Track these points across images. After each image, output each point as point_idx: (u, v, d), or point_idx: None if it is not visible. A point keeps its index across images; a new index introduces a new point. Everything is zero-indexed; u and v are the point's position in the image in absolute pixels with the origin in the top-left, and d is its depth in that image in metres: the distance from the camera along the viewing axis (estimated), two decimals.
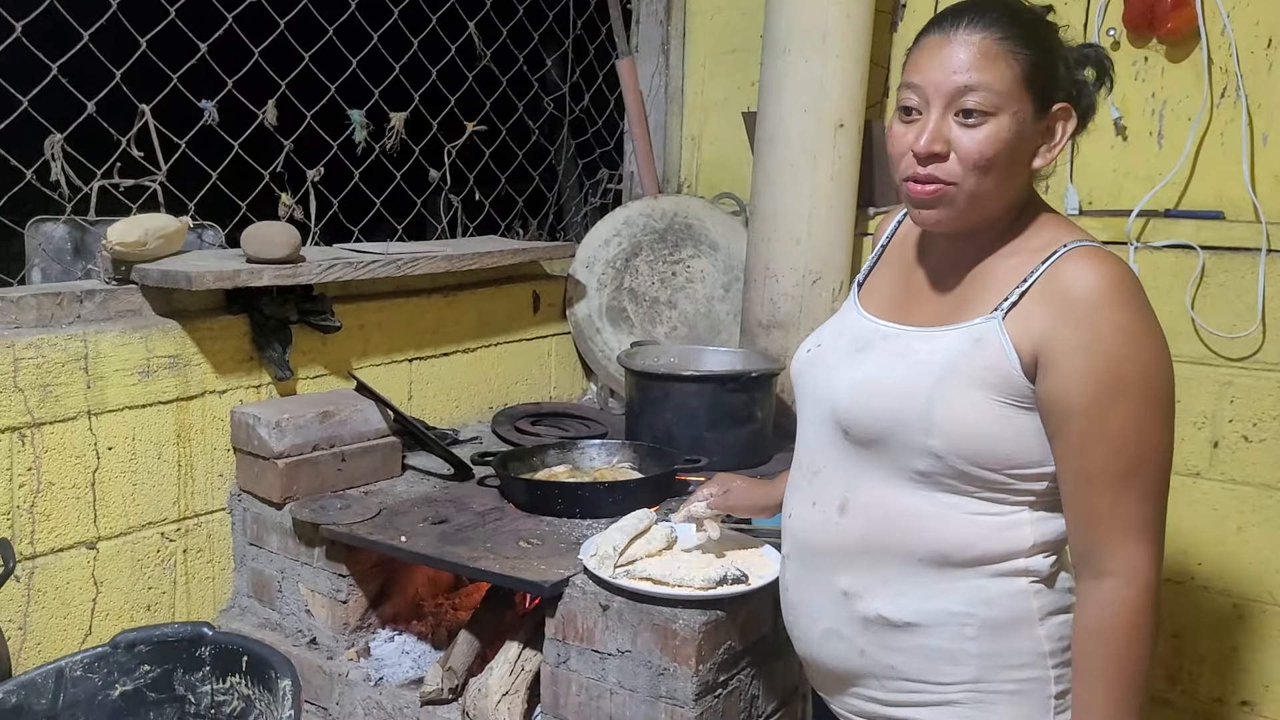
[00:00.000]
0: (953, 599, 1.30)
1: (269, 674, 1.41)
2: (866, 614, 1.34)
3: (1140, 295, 1.22)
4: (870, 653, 1.35)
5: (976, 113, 1.22)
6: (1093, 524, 1.23)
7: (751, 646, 1.81)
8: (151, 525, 2.10)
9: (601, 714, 1.76)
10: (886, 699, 1.36)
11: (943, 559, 1.29)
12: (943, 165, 1.24)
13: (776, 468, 2.46)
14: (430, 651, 2.12)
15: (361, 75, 2.61)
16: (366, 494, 2.22)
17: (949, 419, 1.25)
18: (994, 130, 1.22)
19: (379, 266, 2.36)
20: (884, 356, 1.34)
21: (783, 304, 2.70)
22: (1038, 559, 1.29)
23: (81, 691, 1.47)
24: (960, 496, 1.28)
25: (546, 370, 3.04)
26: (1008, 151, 1.23)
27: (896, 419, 1.28)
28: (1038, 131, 1.26)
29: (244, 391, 2.24)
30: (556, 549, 1.93)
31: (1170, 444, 1.24)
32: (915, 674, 1.33)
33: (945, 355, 1.27)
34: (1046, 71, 1.25)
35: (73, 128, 2.11)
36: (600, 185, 3.43)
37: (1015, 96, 1.22)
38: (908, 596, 1.31)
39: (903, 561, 1.31)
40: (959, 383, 1.25)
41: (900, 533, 1.31)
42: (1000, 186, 1.26)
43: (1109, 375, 1.19)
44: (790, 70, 2.63)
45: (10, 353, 1.85)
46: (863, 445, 1.34)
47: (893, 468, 1.31)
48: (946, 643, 1.30)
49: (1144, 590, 1.21)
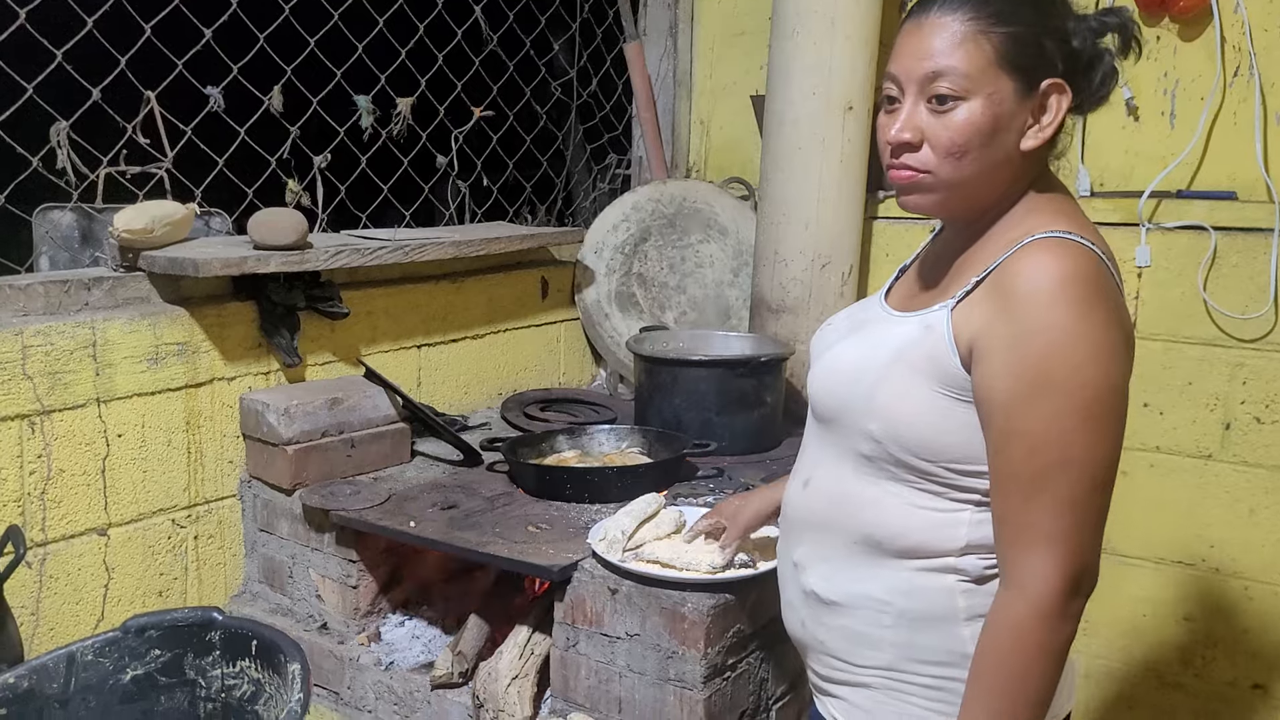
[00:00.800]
0: (875, 585, 1.29)
1: (278, 658, 1.42)
2: (805, 587, 1.37)
3: (1092, 294, 1.14)
4: (808, 625, 1.38)
5: (949, 98, 1.19)
6: (1001, 527, 1.18)
7: (761, 629, 1.80)
8: (162, 512, 2.10)
9: (611, 697, 1.77)
10: (820, 672, 1.39)
11: (874, 545, 1.28)
12: (916, 154, 1.22)
13: (786, 452, 2.46)
14: (440, 636, 2.12)
15: (368, 61, 2.60)
16: (376, 480, 2.22)
17: (887, 405, 1.24)
18: (965, 115, 1.19)
19: (387, 253, 2.36)
20: (857, 340, 1.35)
21: (792, 288, 2.68)
22: (969, 559, 1.24)
23: (93, 676, 1.47)
24: (902, 485, 1.26)
25: (555, 356, 3.04)
26: (982, 136, 1.19)
27: (846, 400, 1.29)
28: (1024, 111, 1.20)
29: (252, 378, 2.24)
30: (565, 533, 1.93)
31: (1105, 454, 1.14)
32: (838, 652, 1.34)
33: (897, 341, 1.26)
34: (1029, 48, 1.19)
35: (79, 114, 2.11)
36: (609, 170, 3.41)
37: (989, 78, 1.18)
38: (839, 576, 1.32)
39: (840, 541, 1.32)
40: (903, 370, 1.24)
41: (842, 513, 1.32)
42: (982, 172, 1.21)
43: (1033, 373, 1.13)
44: (798, 53, 2.61)
45: (19, 340, 1.85)
46: (824, 424, 1.36)
47: (844, 448, 1.31)
48: (864, 626, 1.30)
49: (1034, 606, 1.13)
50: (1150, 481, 2.48)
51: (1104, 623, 2.56)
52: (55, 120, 2.09)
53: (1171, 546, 2.49)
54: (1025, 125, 1.21)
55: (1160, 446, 2.47)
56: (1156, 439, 2.47)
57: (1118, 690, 2.59)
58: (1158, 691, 2.55)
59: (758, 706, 1.83)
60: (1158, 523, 2.49)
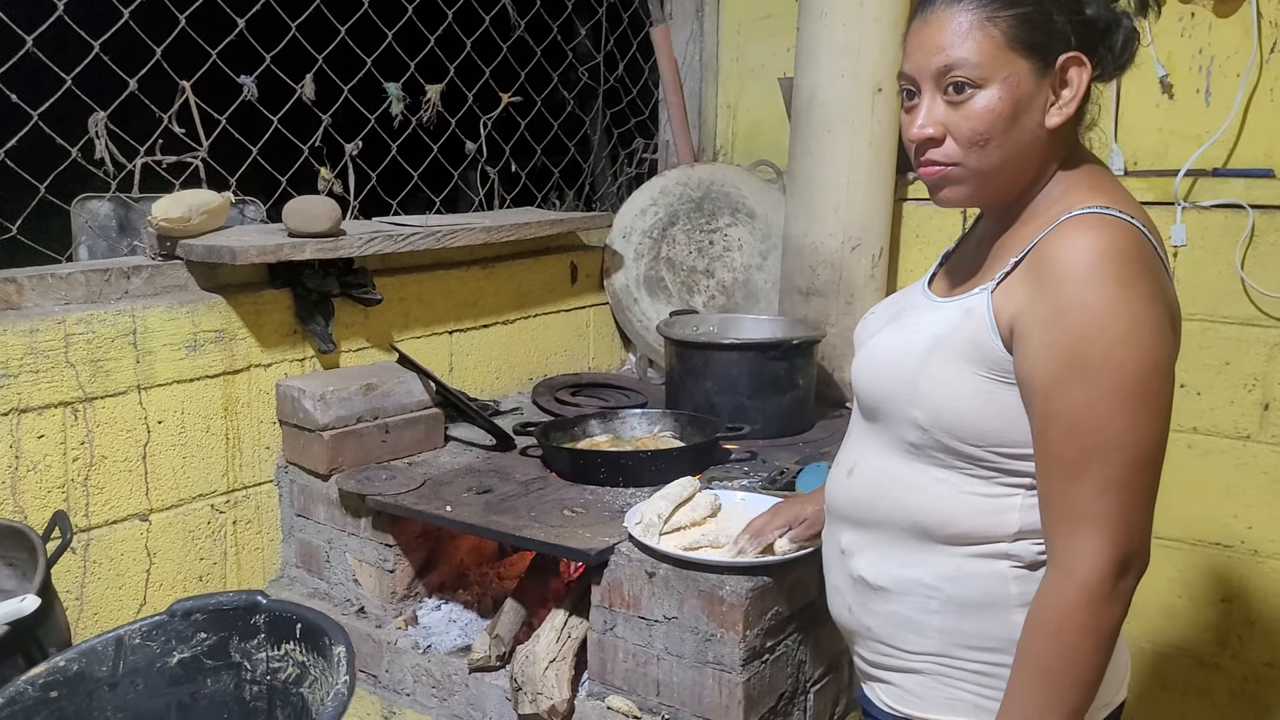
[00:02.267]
0: (924, 571, 1.29)
1: (323, 641, 1.43)
2: (853, 573, 1.37)
3: (1130, 270, 1.12)
4: (855, 611, 1.38)
5: (965, 86, 1.18)
6: (1046, 510, 1.18)
7: (799, 612, 1.81)
8: (201, 497, 2.13)
9: (649, 680, 1.78)
10: (868, 658, 1.39)
11: (922, 531, 1.28)
12: (940, 149, 1.22)
13: (818, 435, 2.46)
14: (476, 620, 2.14)
15: (397, 48, 2.61)
16: (411, 465, 2.24)
17: (931, 391, 1.24)
18: (984, 104, 1.18)
19: (419, 239, 2.37)
20: (897, 327, 1.34)
21: (822, 271, 2.68)
22: (1023, 545, 1.23)
23: (141, 659, 1.49)
24: (950, 472, 1.26)
25: (585, 341, 3.05)
26: (1004, 122, 1.18)
27: (888, 389, 1.29)
28: (1044, 89, 1.19)
29: (288, 365, 2.26)
30: (600, 517, 1.94)
31: (1149, 434, 1.12)
32: (886, 638, 1.34)
33: (938, 327, 1.25)
34: (1039, 26, 1.17)
35: (115, 105, 2.13)
36: (635, 155, 3.41)
37: (1003, 62, 1.17)
38: (887, 562, 1.32)
39: (888, 528, 1.32)
40: (945, 355, 1.23)
41: (888, 500, 1.32)
42: (1009, 157, 1.21)
43: (1068, 355, 1.12)
44: (827, 34, 2.60)
45: (61, 329, 1.87)
46: (868, 412, 1.36)
47: (889, 437, 1.32)
48: (912, 612, 1.30)
49: (1081, 588, 1.12)
50: (1188, 462, 2.46)
51: (1139, 603, 2.52)
52: (91, 111, 2.11)
53: (1209, 528, 2.47)
54: (1047, 103, 1.20)
55: (1198, 427, 2.45)
56: (1194, 420, 2.45)
57: (1153, 671, 2.58)
58: (1194, 672, 2.54)
59: (795, 689, 1.84)
60: (1195, 504, 2.47)
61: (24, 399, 1.84)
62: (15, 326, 1.82)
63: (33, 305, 1.91)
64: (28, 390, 1.84)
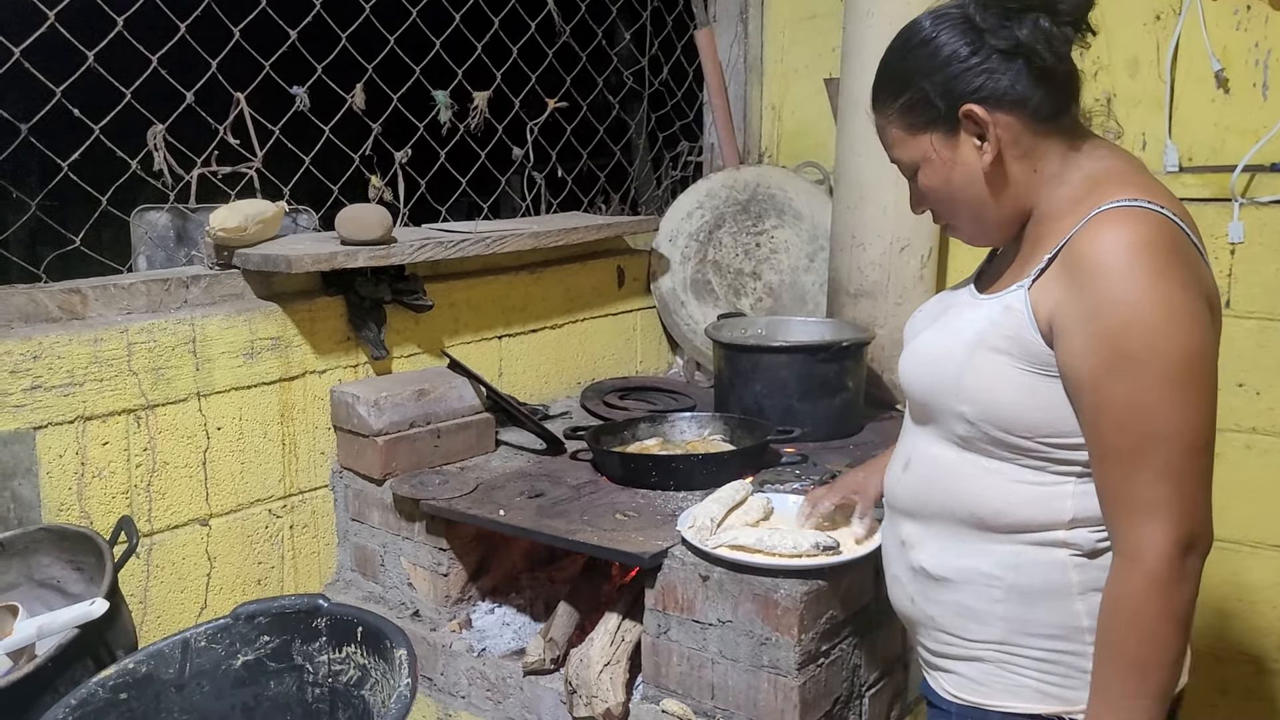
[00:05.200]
0: (985, 560, 1.31)
1: (384, 644, 1.45)
2: (914, 564, 1.40)
3: (1162, 260, 1.14)
4: (917, 601, 1.41)
5: (911, 173, 1.34)
6: (1106, 501, 1.20)
7: (853, 616, 1.80)
8: (259, 502, 2.16)
9: (703, 683, 1.78)
10: (931, 647, 1.41)
11: (979, 522, 1.31)
12: (931, 210, 1.38)
13: (869, 437, 2.45)
14: (529, 623, 2.15)
15: (445, 56, 2.63)
16: (463, 469, 2.25)
17: (976, 386, 1.27)
18: (925, 181, 1.32)
19: (469, 245, 2.39)
20: (941, 324, 1.38)
21: (870, 272, 2.66)
22: (1080, 533, 1.25)
23: (206, 661, 1.53)
24: (1002, 463, 1.29)
25: (632, 344, 3.05)
26: (946, 187, 1.31)
27: (934, 385, 1.34)
28: (965, 143, 1.27)
29: (342, 371, 2.29)
30: (653, 521, 1.94)
31: (1197, 419, 1.14)
32: (949, 627, 1.36)
33: (980, 324, 1.29)
34: (918, 104, 1.28)
35: (174, 117, 2.17)
36: (680, 158, 3.41)
37: (914, 145, 1.31)
38: (948, 553, 1.35)
39: (945, 519, 1.35)
40: (987, 351, 1.27)
41: (943, 492, 1.35)
42: (980, 204, 1.30)
43: (1110, 349, 1.15)
44: (874, 34, 2.58)
45: (124, 338, 1.91)
46: (917, 407, 1.42)
47: (940, 431, 1.36)
48: (974, 601, 1.33)
49: (1149, 575, 1.15)
50: (1246, 463, 2.42)
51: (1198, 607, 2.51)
52: (148, 124, 2.15)
53: (1268, 529, 2.43)
54: (977, 149, 1.27)
55: (1256, 428, 2.41)
56: (1252, 420, 2.41)
57: (1209, 674, 2.54)
58: (1253, 677, 2.49)
59: (851, 693, 1.83)
60: (1254, 505, 2.43)
61: (89, 407, 1.88)
62: (80, 336, 1.86)
63: (96, 315, 1.95)
64: (92, 398, 1.88)
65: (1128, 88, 2.54)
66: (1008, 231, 1.34)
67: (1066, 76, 1.28)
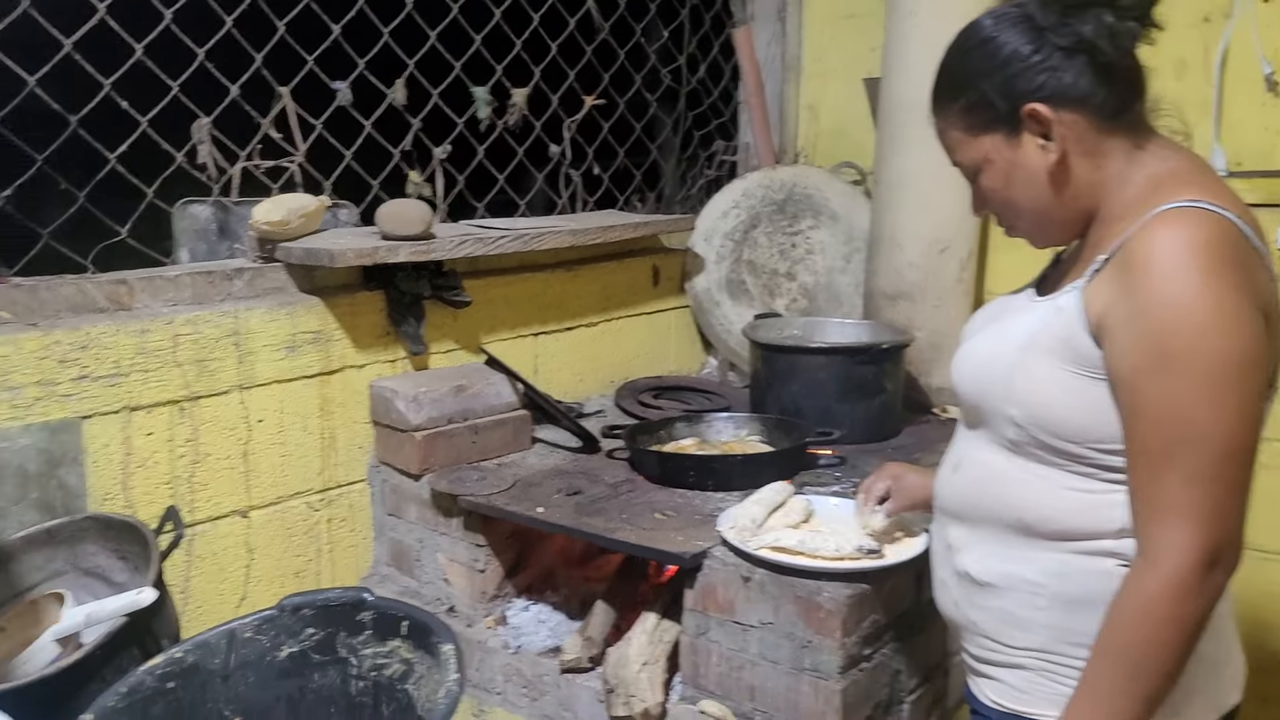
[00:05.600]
0: (1029, 567, 1.30)
1: (430, 638, 1.45)
2: (959, 568, 1.39)
3: (1216, 261, 1.12)
4: (961, 606, 1.40)
5: (973, 175, 1.32)
6: (1135, 501, 1.18)
7: (895, 621, 1.79)
8: (298, 495, 2.17)
9: (743, 685, 1.77)
10: (974, 653, 1.40)
11: (1026, 528, 1.30)
12: (993, 213, 1.36)
13: (906, 440, 2.44)
14: (565, 621, 2.15)
15: (485, 52, 2.63)
16: (500, 466, 2.25)
17: (1025, 388, 1.26)
18: (987, 184, 1.31)
19: (507, 241, 2.39)
20: (994, 327, 1.37)
21: (908, 274, 2.65)
22: (1128, 543, 1.21)
23: (251, 652, 1.53)
24: (1051, 469, 1.27)
25: (665, 344, 3.05)
26: (1006, 191, 1.29)
27: (984, 387, 1.33)
28: (1028, 143, 1.26)
29: (380, 366, 2.29)
30: (692, 520, 1.94)
31: (1236, 425, 1.12)
32: (991, 633, 1.35)
33: (1031, 326, 1.28)
34: (978, 105, 1.27)
35: (219, 111, 2.18)
36: (715, 157, 3.40)
37: (975, 148, 1.29)
38: (993, 558, 1.34)
39: (992, 525, 1.34)
40: (1038, 353, 1.25)
41: (990, 496, 1.34)
42: (1043, 206, 1.28)
43: (1153, 347, 1.13)
44: (916, 33, 2.57)
45: (170, 329, 1.92)
46: (968, 410, 1.41)
47: (990, 434, 1.35)
48: (1017, 608, 1.31)
49: (1165, 579, 1.12)
50: None
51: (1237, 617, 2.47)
52: (192, 118, 2.16)
53: None
54: (1041, 148, 1.26)
55: None
56: None
57: (1251, 685, 2.50)
58: None
59: (891, 699, 1.82)
60: None
61: (135, 397, 1.89)
62: (127, 327, 1.87)
63: (142, 306, 1.96)
64: (138, 389, 1.89)
65: (1174, 91, 2.45)
66: (1071, 232, 1.33)
67: (1130, 73, 1.27)
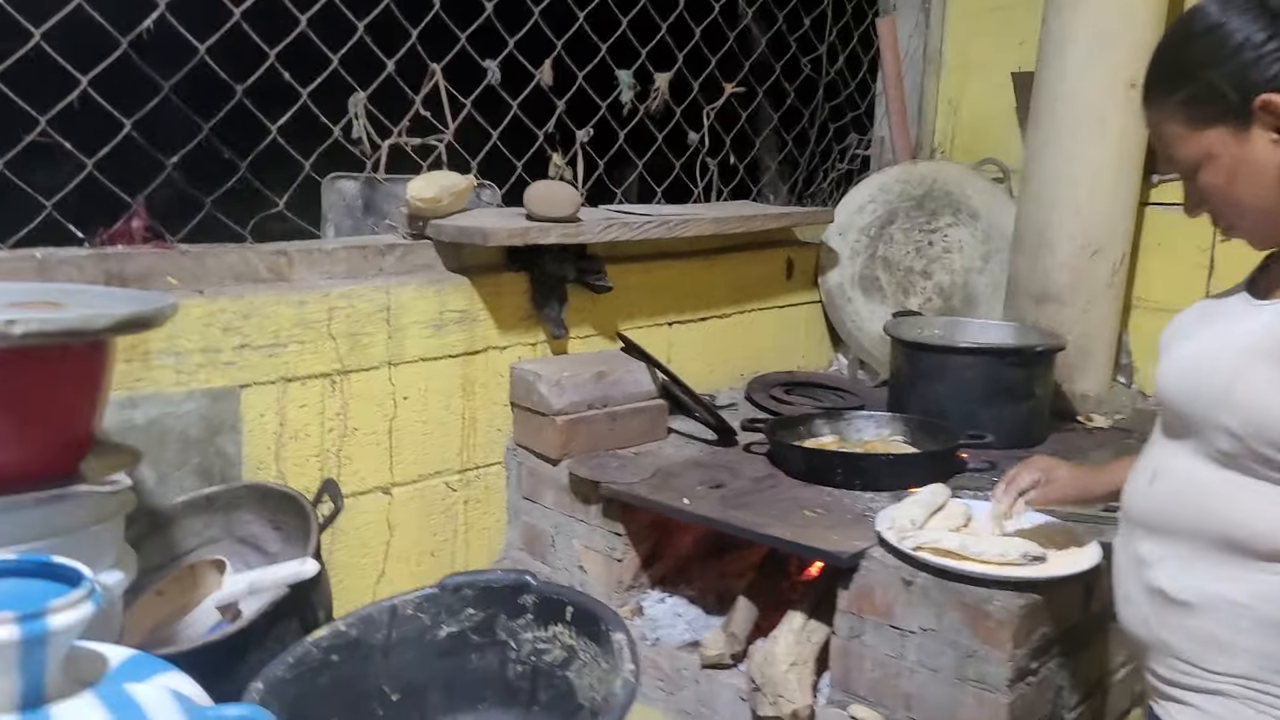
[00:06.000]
0: (1235, 587, 1.21)
1: (596, 627, 1.41)
2: (1151, 584, 1.30)
3: None
4: (1152, 625, 1.31)
5: (1192, 171, 1.24)
6: None
7: (1063, 634, 1.71)
8: (438, 474, 2.16)
9: (898, 692, 1.71)
10: (1165, 676, 1.31)
11: (1234, 545, 1.21)
12: (1211, 213, 1.27)
13: (1052, 447, 2.34)
14: (702, 615, 2.11)
15: (630, 36, 2.60)
16: (637, 455, 2.22)
17: (1248, 398, 1.17)
18: (1207, 181, 1.23)
19: (652, 227, 2.36)
20: (1208, 333, 1.29)
21: (1058, 276, 2.55)
22: None
23: (411, 629, 1.51)
24: (1267, 484, 1.18)
25: (796, 338, 2.99)
26: (1228, 188, 1.21)
27: (1197, 395, 1.24)
28: (1260, 136, 1.17)
29: (521, 349, 2.28)
30: (843, 519, 1.88)
31: None
32: (1188, 655, 1.26)
33: (1255, 331, 1.19)
34: (1204, 97, 1.19)
35: (374, 86, 2.18)
36: (848, 150, 3.32)
37: (1197, 143, 1.21)
38: (1190, 575, 1.26)
39: (1193, 539, 1.26)
40: (1263, 360, 1.16)
41: (1194, 510, 1.25)
42: (1266, 204, 1.20)
43: None
44: (1076, 26, 2.47)
45: (326, 302, 1.93)
46: (1173, 419, 1.31)
47: (1198, 444, 1.26)
48: (1218, 630, 1.23)
49: None
50: None
51: None
52: (354, 91, 2.16)
53: None
54: (1274, 143, 1.17)
55: None
56: None
57: None
58: None
59: (1052, 715, 1.74)
60: None
61: (290, 368, 1.90)
62: (286, 298, 1.88)
63: (300, 278, 1.97)
64: (294, 360, 1.90)
65: None
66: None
67: None
